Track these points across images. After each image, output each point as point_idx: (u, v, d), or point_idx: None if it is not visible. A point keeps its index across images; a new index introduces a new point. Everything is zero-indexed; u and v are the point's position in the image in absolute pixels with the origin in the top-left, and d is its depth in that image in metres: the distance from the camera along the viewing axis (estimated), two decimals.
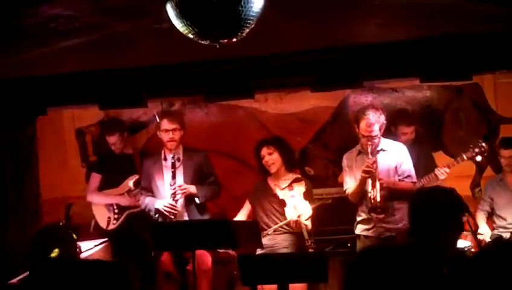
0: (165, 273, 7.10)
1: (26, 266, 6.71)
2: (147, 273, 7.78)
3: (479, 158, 7.26)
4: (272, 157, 7.00)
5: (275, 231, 6.92)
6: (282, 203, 6.91)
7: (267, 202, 7.06)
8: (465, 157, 7.24)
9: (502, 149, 7.35)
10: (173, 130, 7.09)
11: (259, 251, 6.85)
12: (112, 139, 8.00)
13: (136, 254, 7.48)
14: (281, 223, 6.91)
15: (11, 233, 8.15)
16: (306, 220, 6.79)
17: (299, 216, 6.75)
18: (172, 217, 6.94)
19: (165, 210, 6.95)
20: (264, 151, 7.02)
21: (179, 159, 7.10)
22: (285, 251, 6.88)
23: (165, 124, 7.12)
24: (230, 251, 7.24)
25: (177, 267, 7.04)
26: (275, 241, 6.93)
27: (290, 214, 6.81)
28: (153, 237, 6.51)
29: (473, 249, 7.07)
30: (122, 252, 7.32)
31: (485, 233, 7.28)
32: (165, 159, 7.18)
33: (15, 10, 4.72)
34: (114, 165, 8.01)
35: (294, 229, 6.84)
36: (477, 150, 7.19)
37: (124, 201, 7.88)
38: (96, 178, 8.04)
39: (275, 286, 6.05)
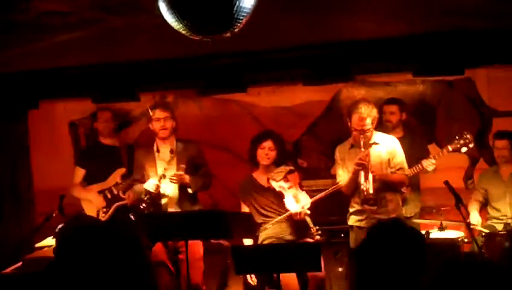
0: (157, 263, 7.12)
1: (20, 256, 6.77)
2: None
3: (464, 149, 7.25)
4: (271, 153, 7.00)
5: (277, 221, 6.95)
6: (280, 196, 6.93)
7: (260, 196, 7.06)
8: (450, 149, 7.25)
9: (496, 140, 7.41)
10: (165, 118, 7.14)
11: (248, 241, 6.91)
12: (105, 115, 8.03)
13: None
14: (283, 216, 6.91)
15: (5, 224, 8.19)
16: (307, 209, 6.82)
17: (302, 207, 6.78)
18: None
19: (151, 190, 7.01)
20: (268, 143, 7.00)
21: (172, 151, 7.14)
22: (291, 238, 6.92)
23: (157, 113, 7.15)
24: (223, 241, 7.26)
25: (169, 257, 7.06)
26: (280, 229, 6.95)
27: (292, 206, 6.82)
28: (147, 228, 6.54)
29: (466, 240, 7.11)
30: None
31: (477, 223, 7.30)
32: (158, 150, 7.21)
33: (8, 4, 4.72)
34: (99, 158, 8.02)
35: (297, 220, 6.86)
36: (462, 141, 7.18)
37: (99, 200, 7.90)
38: (79, 172, 8.06)
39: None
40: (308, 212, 6.77)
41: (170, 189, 7.15)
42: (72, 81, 7.50)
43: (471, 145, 7.20)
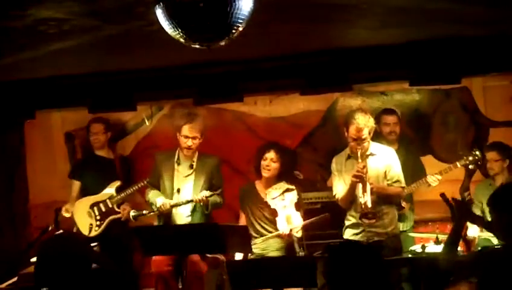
0: (157, 275, 7.09)
1: (15, 270, 6.71)
2: (128, 277, 7.81)
3: (472, 167, 7.30)
4: (272, 164, 6.99)
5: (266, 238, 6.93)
6: (274, 213, 6.92)
7: (256, 208, 7.07)
8: (458, 165, 7.29)
9: (486, 152, 7.43)
10: (193, 138, 7.03)
11: (239, 255, 6.87)
12: (96, 128, 8.02)
13: (118, 258, 7.48)
14: (271, 235, 6.91)
15: (0, 238, 8.15)
16: (297, 232, 6.80)
17: (291, 230, 6.76)
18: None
19: (160, 208, 6.96)
20: (270, 154, 7.00)
21: (192, 166, 7.09)
22: (276, 253, 6.92)
23: (186, 131, 7.03)
24: (219, 255, 7.21)
25: (172, 270, 6.98)
26: (266, 244, 6.94)
27: (282, 226, 6.83)
28: (142, 241, 6.50)
29: (463, 252, 7.07)
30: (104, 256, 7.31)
31: (475, 235, 7.26)
32: (178, 161, 7.15)
33: (3, 12, 4.71)
34: (94, 171, 8.00)
35: (285, 240, 6.86)
36: (471, 158, 7.25)
37: None
38: (75, 185, 8.04)
39: None
40: (298, 235, 6.76)
41: (184, 207, 7.09)
42: (68, 90, 7.47)
43: (480, 163, 7.23)
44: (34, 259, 6.87)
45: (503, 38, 6.55)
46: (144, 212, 7.09)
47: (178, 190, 7.02)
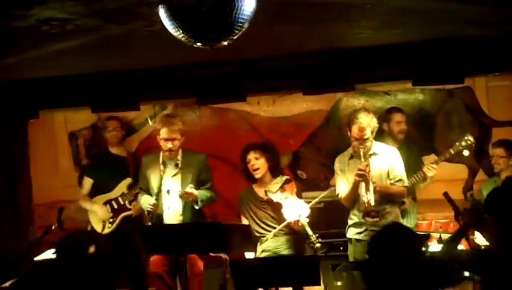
0: (154, 275, 7.08)
1: (18, 269, 6.73)
2: (137, 274, 7.82)
3: (466, 153, 7.28)
4: (258, 162, 6.97)
5: (275, 235, 6.92)
6: (279, 207, 6.89)
7: (258, 209, 7.02)
8: (452, 152, 7.26)
9: (492, 149, 7.43)
10: (172, 139, 6.98)
11: (249, 254, 6.86)
12: (113, 124, 8.04)
13: (128, 254, 7.49)
14: (280, 226, 6.89)
15: (3, 237, 8.15)
16: (306, 217, 6.78)
17: (299, 215, 6.74)
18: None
19: (149, 210, 6.95)
20: (251, 155, 6.98)
21: (177, 165, 7.08)
22: (288, 251, 6.89)
23: (164, 133, 6.98)
24: (222, 254, 7.20)
25: (167, 269, 6.98)
26: (278, 243, 6.93)
27: (289, 214, 6.79)
28: (145, 241, 6.50)
29: None
30: (115, 253, 7.32)
31: (482, 242, 7.26)
32: (163, 163, 7.13)
33: (5, 13, 4.72)
34: (107, 168, 8.02)
35: (296, 230, 6.84)
36: (463, 143, 7.22)
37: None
38: (87, 182, 8.05)
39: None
40: (307, 220, 6.74)
41: (174, 204, 7.07)
42: (71, 90, 7.48)
43: (473, 147, 7.22)
44: (37, 258, 6.95)
45: (507, 38, 6.56)
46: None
47: (168, 191, 7.00)
